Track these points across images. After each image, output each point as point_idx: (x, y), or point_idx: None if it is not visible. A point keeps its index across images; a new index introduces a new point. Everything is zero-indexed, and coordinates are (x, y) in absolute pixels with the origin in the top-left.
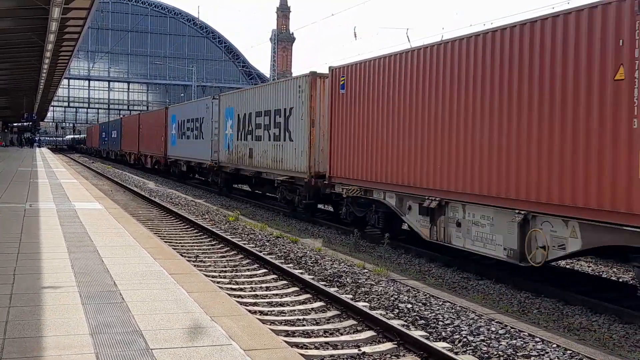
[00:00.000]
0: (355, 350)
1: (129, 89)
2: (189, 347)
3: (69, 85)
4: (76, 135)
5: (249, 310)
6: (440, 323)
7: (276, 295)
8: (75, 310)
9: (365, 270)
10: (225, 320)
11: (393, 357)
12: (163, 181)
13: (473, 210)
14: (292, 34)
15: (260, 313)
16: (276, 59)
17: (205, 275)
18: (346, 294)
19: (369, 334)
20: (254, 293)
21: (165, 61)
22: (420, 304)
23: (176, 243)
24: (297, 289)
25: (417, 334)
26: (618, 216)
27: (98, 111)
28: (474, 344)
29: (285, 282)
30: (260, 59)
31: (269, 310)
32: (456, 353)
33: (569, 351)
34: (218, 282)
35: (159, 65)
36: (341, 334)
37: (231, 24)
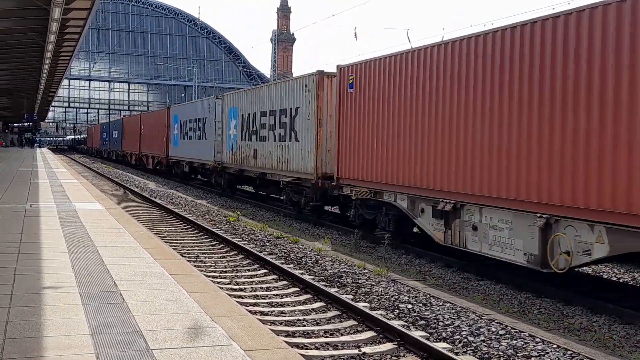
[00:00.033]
0: (356, 351)
1: (129, 89)
2: (189, 348)
3: (69, 85)
4: (77, 136)
5: (250, 311)
6: (440, 323)
7: (276, 295)
8: (76, 311)
9: (366, 271)
10: (226, 320)
11: (393, 358)
12: (164, 182)
13: (490, 214)
14: (293, 34)
15: (261, 313)
16: (277, 60)
17: (206, 276)
18: (346, 294)
19: (369, 334)
20: (254, 293)
21: (165, 61)
22: (420, 305)
23: (176, 243)
24: (298, 289)
25: (418, 334)
26: None
27: (98, 111)
28: (474, 345)
29: (285, 283)
30: (261, 59)
31: (269, 311)
32: (456, 353)
33: (569, 352)
34: (218, 283)
35: (159, 65)
36: (341, 335)
37: (231, 24)
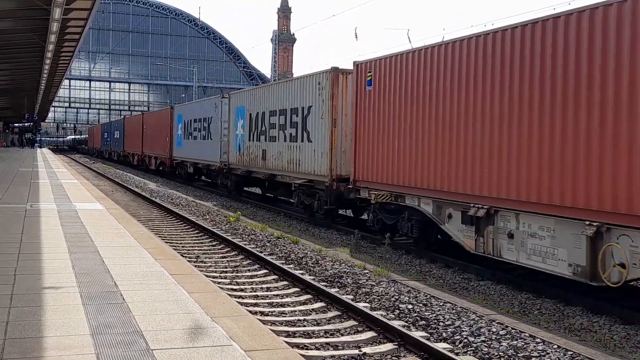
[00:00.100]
0: (356, 351)
1: (129, 89)
2: (189, 348)
3: (70, 85)
4: (77, 136)
5: (250, 311)
6: (441, 324)
7: (277, 295)
8: (76, 311)
9: (366, 271)
10: (226, 320)
11: (394, 358)
12: (165, 182)
13: (529, 220)
14: (293, 34)
15: (261, 314)
16: (277, 60)
17: (206, 276)
18: (347, 294)
19: (369, 334)
20: (254, 294)
21: (166, 62)
22: (421, 305)
23: (177, 244)
24: (298, 289)
25: (418, 334)
26: None
27: (99, 112)
28: (474, 345)
29: (286, 283)
30: (261, 59)
31: (269, 311)
32: (457, 354)
33: (569, 352)
34: (219, 283)
35: (160, 65)
36: (342, 335)
37: (232, 24)
